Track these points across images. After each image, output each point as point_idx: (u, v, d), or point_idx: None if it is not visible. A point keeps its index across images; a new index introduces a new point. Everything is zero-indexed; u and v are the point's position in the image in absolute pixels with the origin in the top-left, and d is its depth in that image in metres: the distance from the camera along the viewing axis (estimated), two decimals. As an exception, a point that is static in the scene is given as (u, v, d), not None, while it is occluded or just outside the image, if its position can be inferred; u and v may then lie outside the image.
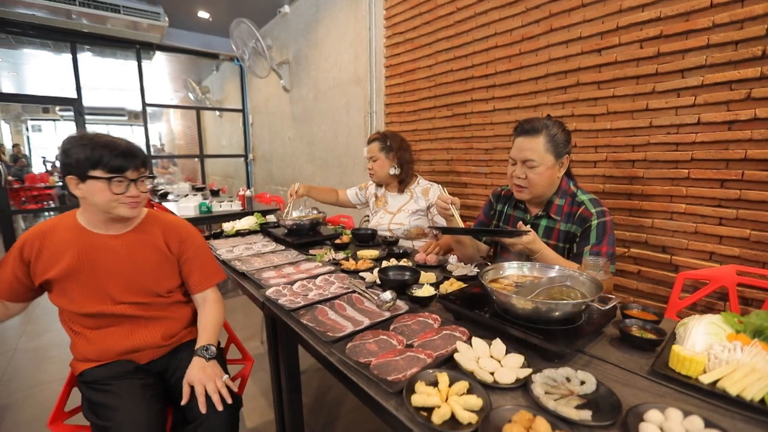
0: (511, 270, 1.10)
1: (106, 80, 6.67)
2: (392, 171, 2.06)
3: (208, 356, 1.12)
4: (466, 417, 0.64)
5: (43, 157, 8.22)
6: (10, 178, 5.78)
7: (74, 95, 4.40)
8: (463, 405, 0.66)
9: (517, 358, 0.81)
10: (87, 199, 1.10)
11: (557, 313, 0.88)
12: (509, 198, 1.49)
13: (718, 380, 0.71)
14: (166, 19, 4.18)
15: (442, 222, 1.99)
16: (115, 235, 1.18)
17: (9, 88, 7.58)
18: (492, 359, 0.82)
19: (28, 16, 3.74)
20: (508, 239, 1.21)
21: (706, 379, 0.72)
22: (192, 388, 1.05)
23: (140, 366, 1.18)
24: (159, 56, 5.38)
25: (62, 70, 4.66)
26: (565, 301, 0.87)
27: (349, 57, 3.31)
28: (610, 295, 0.90)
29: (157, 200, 3.99)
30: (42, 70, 6.26)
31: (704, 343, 0.81)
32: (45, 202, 6.78)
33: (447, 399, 0.69)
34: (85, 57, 4.69)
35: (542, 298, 0.92)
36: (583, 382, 0.73)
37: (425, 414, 0.66)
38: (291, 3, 4.11)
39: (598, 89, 1.70)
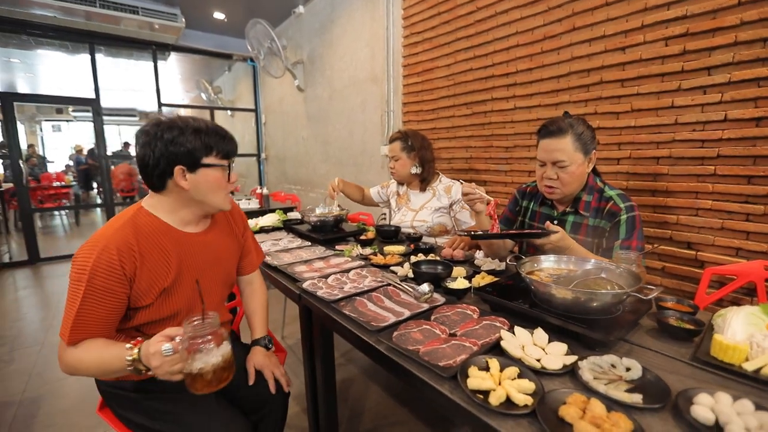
0: (547, 263, 1.13)
1: (121, 81, 6.77)
2: (414, 170, 2.09)
3: (270, 346, 1.22)
4: (522, 399, 0.67)
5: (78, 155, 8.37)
6: (29, 177, 5.89)
7: (92, 95, 4.48)
8: (517, 388, 0.69)
9: (561, 346, 0.84)
10: (190, 191, 0.97)
11: (596, 303, 0.91)
12: (535, 195, 1.51)
13: (762, 367, 0.74)
14: (183, 20, 4.24)
15: (465, 219, 2.03)
16: (204, 231, 1.09)
17: (26, 89, 7.71)
18: (536, 347, 0.85)
19: (49, 18, 3.82)
20: (537, 240, 1.22)
21: (750, 366, 0.74)
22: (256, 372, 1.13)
23: None
24: (172, 57, 5.46)
25: (79, 70, 4.74)
26: (605, 291, 0.89)
27: (365, 56, 3.34)
28: (650, 286, 0.93)
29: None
30: (60, 70, 6.36)
31: (744, 333, 0.83)
32: (62, 201, 6.90)
33: (500, 383, 0.72)
34: (102, 58, 4.77)
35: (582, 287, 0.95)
36: (628, 369, 0.76)
37: (481, 396, 0.69)
38: (305, 3, 4.15)
39: (621, 87, 1.72)
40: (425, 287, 1.13)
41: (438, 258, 1.50)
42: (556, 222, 1.39)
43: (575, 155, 1.27)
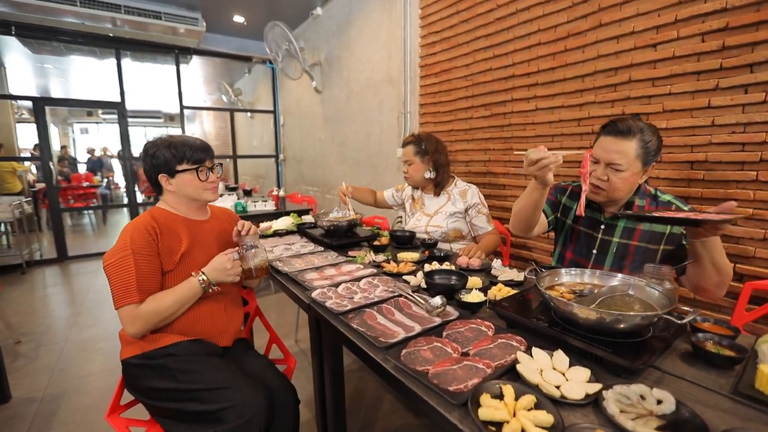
0: (568, 276, 1.05)
1: (147, 84, 6.98)
2: (427, 175, 2.03)
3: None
4: (539, 434, 0.61)
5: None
6: (58, 177, 6.15)
7: (118, 99, 4.61)
8: (534, 421, 0.63)
9: (583, 372, 0.77)
10: (177, 192, 1.29)
11: (623, 325, 0.83)
12: (578, 195, 1.34)
13: (817, 406, 0.65)
14: (204, 24, 4.32)
15: (480, 224, 1.96)
16: (207, 220, 1.40)
17: (59, 93, 8.06)
18: (555, 372, 0.78)
19: (78, 25, 3.95)
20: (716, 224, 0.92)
21: (802, 404, 0.66)
22: None
23: (220, 349, 1.31)
24: (194, 60, 5.57)
25: (106, 75, 4.90)
26: (634, 313, 0.82)
27: (382, 57, 3.30)
28: (687, 308, 0.84)
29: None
30: (88, 75, 6.61)
31: (795, 364, 0.74)
32: (90, 200, 7.17)
33: (515, 414, 0.66)
34: (127, 62, 4.91)
35: (605, 308, 0.87)
36: (660, 401, 0.69)
37: (493, 429, 0.63)
38: (323, 5, 4.15)
39: (652, 86, 1.61)
40: (438, 300, 1.08)
41: (453, 267, 1.44)
42: (603, 227, 1.32)
43: (635, 163, 1.18)
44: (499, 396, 0.70)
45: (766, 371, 0.70)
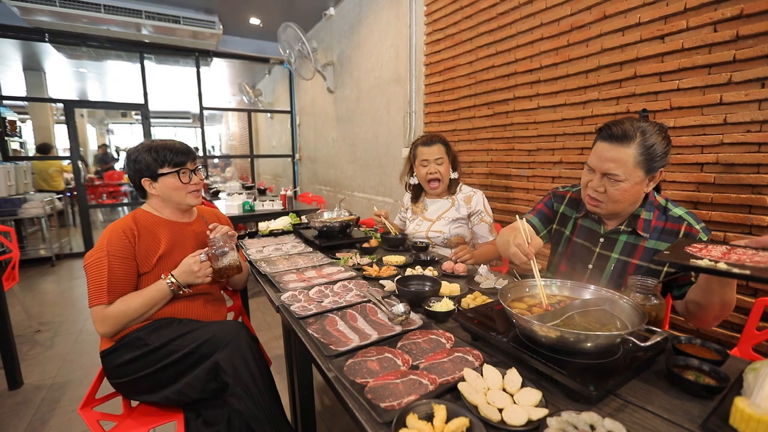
0: (537, 289, 0.97)
1: (174, 86, 7.26)
2: (454, 175, 1.94)
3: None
4: (459, 463, 0.55)
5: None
6: (91, 176, 6.50)
7: (141, 101, 4.81)
8: (458, 448, 0.58)
9: (534, 395, 0.70)
10: (161, 195, 1.33)
11: (588, 344, 0.75)
12: (578, 203, 1.27)
13: (797, 451, 0.56)
14: (221, 27, 4.42)
15: (482, 233, 1.87)
16: (188, 222, 1.43)
17: (94, 96, 8.53)
18: (504, 393, 0.72)
19: (104, 31, 4.15)
20: None
21: (780, 448, 0.57)
22: None
23: None
24: (217, 62, 5.74)
25: (132, 78, 5.12)
26: (596, 333, 0.74)
27: (389, 56, 3.26)
28: (654, 328, 0.75)
29: (208, 198, 4.25)
30: (116, 78, 6.95)
31: (781, 398, 0.64)
32: (120, 198, 7.54)
33: (441, 438, 0.60)
34: (151, 66, 5.11)
35: (574, 323, 0.80)
36: (611, 433, 0.61)
37: (413, 454, 0.58)
38: (336, 5, 4.15)
39: (659, 82, 1.49)
40: (401, 308, 1.03)
41: (435, 272, 1.38)
42: (602, 240, 1.18)
43: (634, 171, 1.01)
44: (430, 417, 0.65)
45: (741, 406, 0.61)
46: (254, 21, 4.61)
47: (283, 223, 2.33)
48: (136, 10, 3.94)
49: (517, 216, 1.14)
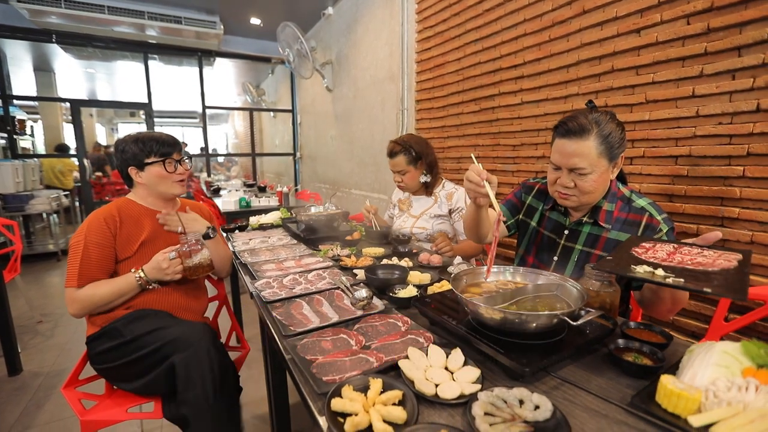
0: (493, 276, 0.99)
1: (178, 86, 7.39)
2: (423, 179, 1.96)
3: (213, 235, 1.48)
4: (381, 429, 0.58)
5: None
6: (98, 173, 6.65)
7: (145, 100, 4.91)
8: (384, 416, 0.60)
9: (473, 372, 0.73)
10: (147, 184, 1.37)
11: (533, 325, 0.78)
12: (545, 195, 1.27)
13: (712, 424, 0.57)
14: (222, 27, 4.50)
15: (462, 230, 1.88)
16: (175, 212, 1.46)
17: (102, 96, 8.71)
18: (446, 371, 0.74)
19: (109, 32, 4.25)
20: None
21: (696, 422, 0.58)
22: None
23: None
24: (222, 63, 5.83)
25: (136, 77, 5.23)
26: (535, 313, 0.76)
27: (384, 54, 3.29)
28: (589, 309, 0.77)
29: (208, 195, 4.32)
30: (121, 78, 7.10)
31: (708, 377, 0.66)
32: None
33: (371, 408, 0.63)
34: (155, 65, 5.21)
35: (525, 308, 0.82)
36: (537, 407, 0.63)
37: (341, 420, 0.61)
38: (334, 4, 4.19)
39: (635, 75, 1.49)
40: (362, 293, 1.06)
41: (406, 264, 1.41)
42: (567, 232, 1.19)
43: (599, 162, 1.02)
44: (365, 389, 0.68)
45: (665, 383, 0.63)
46: (255, 21, 4.68)
47: (272, 217, 2.38)
48: (138, 11, 4.03)
49: (472, 155, 1.14)
